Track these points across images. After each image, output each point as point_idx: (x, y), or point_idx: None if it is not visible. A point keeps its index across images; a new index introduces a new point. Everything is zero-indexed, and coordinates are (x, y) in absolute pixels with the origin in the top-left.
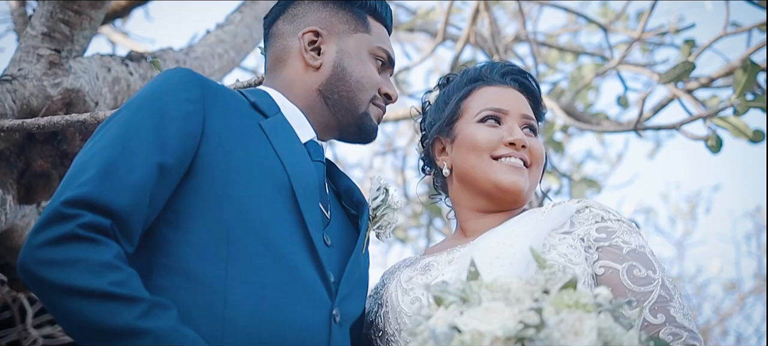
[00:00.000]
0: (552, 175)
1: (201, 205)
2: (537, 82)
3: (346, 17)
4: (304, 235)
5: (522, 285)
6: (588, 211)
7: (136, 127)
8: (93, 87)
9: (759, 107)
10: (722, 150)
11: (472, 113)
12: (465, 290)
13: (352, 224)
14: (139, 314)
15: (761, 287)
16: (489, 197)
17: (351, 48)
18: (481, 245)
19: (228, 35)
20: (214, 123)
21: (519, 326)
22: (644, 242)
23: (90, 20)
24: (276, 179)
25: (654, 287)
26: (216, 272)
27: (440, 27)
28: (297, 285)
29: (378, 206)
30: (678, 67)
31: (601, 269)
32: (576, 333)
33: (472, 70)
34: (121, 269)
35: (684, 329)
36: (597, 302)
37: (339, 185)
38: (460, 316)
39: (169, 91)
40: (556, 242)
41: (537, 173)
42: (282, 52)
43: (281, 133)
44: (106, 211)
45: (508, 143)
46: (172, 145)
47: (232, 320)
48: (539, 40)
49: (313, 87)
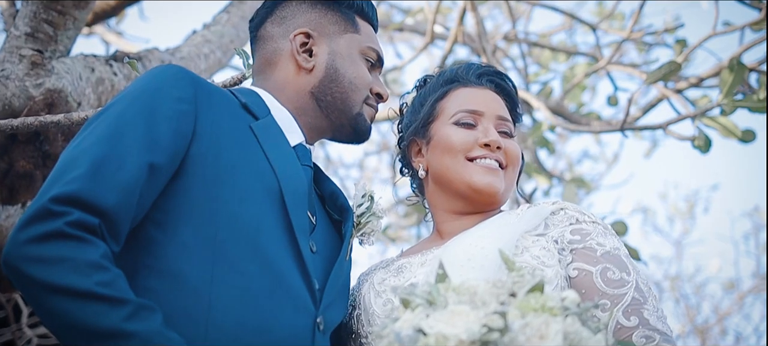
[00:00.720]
0: (542, 175)
1: (190, 206)
2: (514, 83)
3: (336, 18)
4: (292, 241)
5: (488, 288)
6: (563, 213)
7: (127, 124)
8: (76, 87)
9: (746, 107)
10: (712, 149)
11: (448, 115)
12: (431, 293)
13: (335, 229)
14: (124, 316)
15: (760, 286)
16: (464, 198)
17: (342, 49)
18: (453, 247)
19: (214, 35)
20: (205, 123)
21: (483, 329)
22: (619, 245)
23: (74, 20)
24: (266, 183)
25: (628, 289)
26: (202, 274)
27: (428, 27)
28: (282, 292)
29: (363, 212)
30: (664, 67)
31: (574, 272)
32: (541, 337)
33: (448, 72)
34: (108, 269)
35: (657, 331)
36: (564, 305)
37: (323, 189)
38: (426, 319)
39: (161, 89)
40: (530, 244)
41: (513, 174)
42: (272, 54)
43: (271, 137)
44: (94, 209)
45: (483, 145)
46: (163, 145)
47: (215, 324)
48: (531, 40)
49: (306, 89)
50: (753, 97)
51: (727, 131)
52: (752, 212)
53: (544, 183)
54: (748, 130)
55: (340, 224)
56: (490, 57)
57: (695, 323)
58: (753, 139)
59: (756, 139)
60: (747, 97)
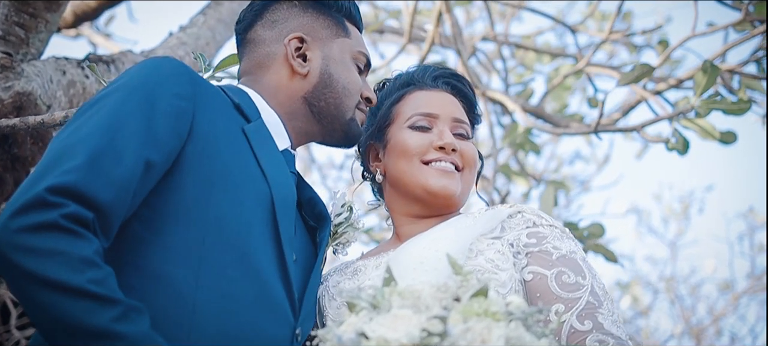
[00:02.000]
0: (522, 176)
1: (179, 206)
2: (471, 85)
3: (327, 22)
4: (277, 250)
5: (433, 292)
6: (520, 216)
7: (126, 116)
8: (46, 90)
9: (721, 109)
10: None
11: (403, 118)
12: (376, 297)
13: (310, 235)
14: (114, 316)
15: (755, 287)
16: (421, 201)
17: (336, 54)
18: (407, 250)
19: (190, 37)
20: (202, 122)
21: (423, 333)
22: (576, 248)
23: (46, 23)
24: (257, 189)
25: (583, 293)
26: (187, 277)
27: (406, 29)
28: (266, 301)
29: (340, 222)
30: (637, 69)
31: (529, 275)
32: (483, 341)
33: (405, 75)
34: (100, 266)
35: (611, 335)
36: (508, 310)
37: (302, 194)
38: (369, 322)
39: (161, 83)
40: (484, 247)
41: (470, 176)
42: (265, 58)
43: (263, 141)
44: (90, 203)
45: (437, 147)
46: (161, 142)
47: (198, 328)
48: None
49: (299, 94)
50: (727, 100)
51: (705, 133)
52: (747, 213)
53: (523, 186)
54: (728, 132)
55: (315, 230)
56: (466, 60)
57: (690, 324)
58: (734, 140)
59: (737, 140)
60: (722, 99)
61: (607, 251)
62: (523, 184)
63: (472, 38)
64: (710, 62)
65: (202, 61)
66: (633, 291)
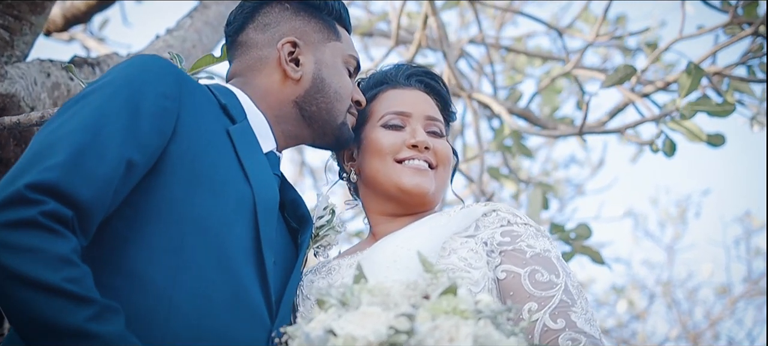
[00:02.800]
0: (510, 179)
1: (160, 206)
2: (444, 83)
3: (319, 26)
4: (257, 253)
5: (402, 290)
6: (495, 214)
7: (109, 114)
8: (30, 92)
9: (705, 111)
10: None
11: (377, 117)
12: (345, 294)
13: (291, 236)
14: (89, 316)
15: (752, 291)
16: (395, 200)
17: (328, 58)
18: (380, 249)
19: (176, 40)
20: (186, 122)
21: (390, 331)
22: (551, 247)
23: (31, 26)
24: (239, 190)
25: (556, 291)
26: (165, 278)
27: (393, 31)
28: (242, 303)
29: (322, 225)
30: (620, 70)
31: (503, 274)
32: (451, 339)
33: (378, 74)
34: (77, 265)
35: (584, 334)
36: (477, 308)
37: (285, 195)
38: (338, 320)
39: (146, 82)
40: (458, 245)
41: (444, 174)
42: (256, 61)
43: (247, 144)
44: (69, 201)
45: (410, 145)
46: (144, 142)
47: (174, 329)
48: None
49: (290, 98)
50: (712, 101)
51: (692, 135)
52: (743, 217)
53: (512, 188)
54: (717, 135)
55: (296, 232)
56: (452, 62)
57: (687, 329)
58: (722, 143)
59: (725, 143)
60: (706, 101)
61: (594, 253)
62: (511, 186)
63: (460, 41)
64: (694, 64)
65: (179, 62)
66: (629, 295)
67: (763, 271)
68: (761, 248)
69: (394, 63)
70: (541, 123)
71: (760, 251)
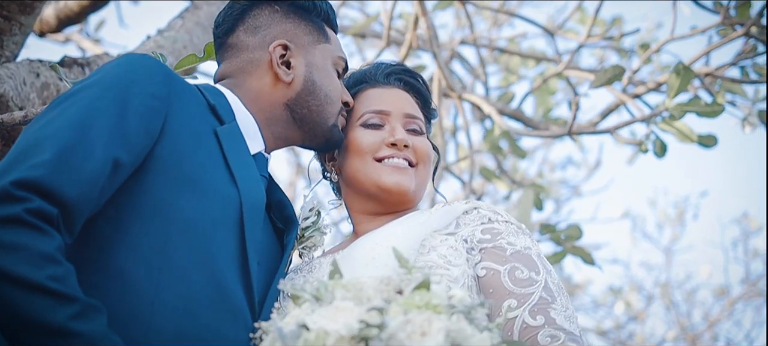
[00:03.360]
0: (501, 180)
1: (145, 206)
2: (424, 80)
3: (309, 28)
4: (241, 255)
5: (375, 285)
6: (476, 212)
7: (98, 113)
8: (19, 93)
9: (694, 112)
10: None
11: (356, 117)
12: (319, 289)
13: (277, 237)
14: (72, 314)
15: (750, 292)
16: (375, 199)
17: (318, 61)
18: (359, 246)
19: (167, 41)
20: (173, 123)
21: (361, 325)
22: (532, 244)
23: (20, 26)
24: (225, 192)
25: (536, 288)
26: (148, 278)
27: (384, 32)
28: (225, 305)
29: (307, 226)
30: (609, 70)
31: (483, 271)
32: (423, 334)
33: (358, 73)
34: (60, 263)
35: (563, 331)
36: (450, 303)
37: (272, 196)
38: (311, 314)
39: (136, 81)
40: (438, 243)
41: (424, 171)
42: (247, 64)
43: (235, 145)
44: (55, 199)
45: (390, 144)
46: (131, 141)
47: (156, 329)
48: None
49: (281, 101)
50: (701, 102)
51: (683, 136)
52: (741, 219)
53: (503, 188)
54: (709, 136)
55: (283, 232)
56: (442, 62)
57: (686, 330)
58: (714, 144)
59: (717, 143)
60: (696, 102)
61: (585, 253)
62: (504, 187)
63: (452, 42)
64: (683, 65)
65: (163, 61)
66: (627, 297)
67: (760, 272)
68: (759, 250)
69: (374, 62)
70: (532, 124)
71: (758, 252)
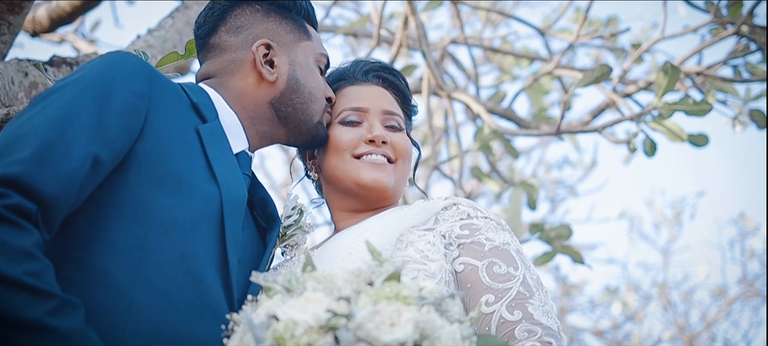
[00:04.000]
0: (492, 180)
1: (124, 204)
2: (403, 77)
3: (290, 26)
4: (221, 252)
5: (346, 276)
6: (455, 208)
7: (78, 110)
8: (7, 92)
9: (682, 110)
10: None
11: (335, 114)
12: (291, 281)
13: (260, 235)
14: (48, 310)
15: (747, 292)
16: (354, 196)
17: (300, 58)
18: (336, 241)
19: (157, 40)
20: (155, 121)
21: (328, 314)
22: (511, 240)
23: (9, 25)
24: (205, 190)
25: (513, 283)
26: (126, 274)
27: (375, 31)
28: (203, 302)
29: (290, 225)
30: (596, 70)
31: (461, 266)
32: (392, 324)
33: (336, 71)
34: (38, 259)
35: (540, 325)
36: (421, 295)
37: (254, 194)
38: (282, 306)
39: (117, 79)
40: (415, 238)
41: (403, 168)
42: (230, 64)
43: (216, 143)
44: (34, 195)
45: (367, 141)
46: (111, 139)
47: (134, 325)
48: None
49: (265, 100)
50: (689, 101)
51: (673, 135)
52: (738, 219)
53: (495, 188)
54: (700, 135)
55: (266, 231)
56: (431, 62)
57: (684, 331)
58: (705, 143)
59: (709, 143)
60: (683, 101)
61: (575, 253)
62: (495, 186)
63: (443, 41)
64: (671, 64)
65: (145, 59)
66: (623, 297)
67: (757, 272)
68: (756, 250)
69: (354, 60)
70: (523, 123)
71: (755, 252)
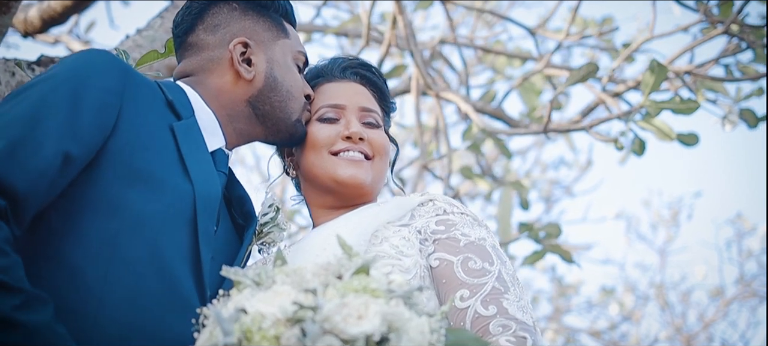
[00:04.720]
0: (481, 179)
1: (96, 200)
2: (381, 74)
3: (268, 24)
4: (193, 249)
5: (315, 270)
6: (431, 204)
7: (49, 107)
8: None
9: (670, 109)
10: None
11: (313, 111)
12: (260, 275)
13: (237, 232)
14: (16, 305)
15: (744, 293)
16: (332, 192)
17: (278, 57)
18: (312, 237)
19: (146, 40)
20: (128, 118)
21: (294, 306)
22: (487, 236)
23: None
24: (178, 187)
25: (488, 279)
26: (96, 271)
27: (364, 30)
28: (174, 298)
29: (266, 222)
30: (582, 69)
31: (436, 261)
32: (359, 317)
33: (314, 68)
34: (7, 254)
35: (515, 320)
36: (389, 288)
37: (232, 192)
38: (250, 299)
39: (89, 76)
40: (390, 234)
41: (381, 164)
42: (208, 62)
43: (191, 140)
44: (3, 191)
45: (345, 137)
46: (83, 136)
47: (103, 322)
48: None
49: (243, 98)
50: (676, 99)
51: (662, 134)
52: (735, 219)
53: (485, 187)
54: (690, 134)
55: (243, 229)
56: (420, 62)
57: (681, 331)
58: (696, 142)
59: (699, 142)
60: (670, 99)
61: (564, 252)
62: (485, 186)
63: (433, 40)
64: (657, 62)
65: (125, 57)
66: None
67: (755, 273)
68: (753, 250)
69: (331, 57)
70: (513, 123)
71: (752, 252)
